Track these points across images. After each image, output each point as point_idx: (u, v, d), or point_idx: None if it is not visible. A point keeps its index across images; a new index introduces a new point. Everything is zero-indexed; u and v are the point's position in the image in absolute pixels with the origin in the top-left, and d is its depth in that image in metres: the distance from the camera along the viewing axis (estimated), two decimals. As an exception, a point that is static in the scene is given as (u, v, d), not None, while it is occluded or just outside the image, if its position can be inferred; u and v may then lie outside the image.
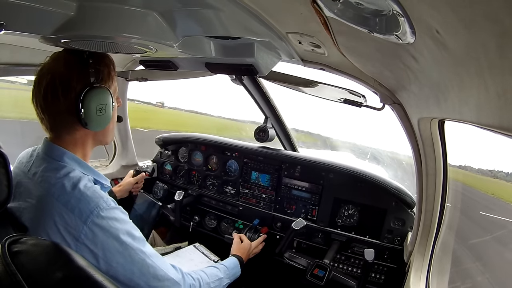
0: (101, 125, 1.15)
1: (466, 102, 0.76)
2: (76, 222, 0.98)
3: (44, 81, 1.05)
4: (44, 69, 1.08)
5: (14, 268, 0.72)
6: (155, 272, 1.10)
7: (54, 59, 1.10)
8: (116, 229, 1.03)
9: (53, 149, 1.11)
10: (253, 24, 0.93)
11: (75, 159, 1.12)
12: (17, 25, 0.95)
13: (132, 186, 2.21)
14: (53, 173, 1.06)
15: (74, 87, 1.06)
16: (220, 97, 9.95)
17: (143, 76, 2.01)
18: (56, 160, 1.09)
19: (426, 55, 0.73)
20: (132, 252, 1.05)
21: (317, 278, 1.78)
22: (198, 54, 1.24)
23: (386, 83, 1.26)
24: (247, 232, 2.22)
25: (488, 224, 1.93)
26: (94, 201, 1.02)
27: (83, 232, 0.98)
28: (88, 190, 1.03)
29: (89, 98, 1.07)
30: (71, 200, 1.00)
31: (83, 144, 1.16)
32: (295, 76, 1.49)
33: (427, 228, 1.52)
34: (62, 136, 1.12)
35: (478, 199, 1.91)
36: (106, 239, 1.01)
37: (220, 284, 1.42)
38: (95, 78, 1.10)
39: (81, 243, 0.98)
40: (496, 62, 0.51)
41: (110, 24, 0.97)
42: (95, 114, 1.09)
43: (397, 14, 0.59)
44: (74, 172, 1.07)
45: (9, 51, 1.59)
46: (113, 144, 2.66)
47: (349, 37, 0.89)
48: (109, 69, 1.17)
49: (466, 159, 1.61)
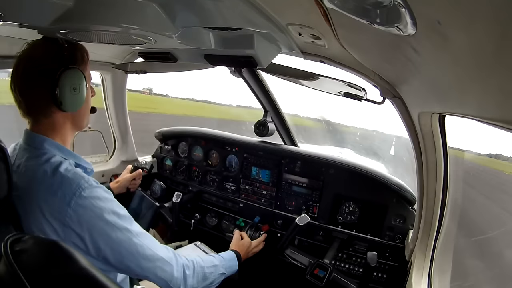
0: (76, 106, 1.17)
1: (467, 96, 0.75)
2: (60, 205, 1.00)
3: (21, 65, 1.10)
4: (23, 54, 1.13)
5: (16, 267, 0.72)
6: (144, 252, 1.11)
7: (32, 45, 1.15)
8: (99, 208, 1.04)
9: (33, 138, 1.14)
10: (253, 15, 0.92)
11: (55, 144, 1.15)
12: (15, 16, 0.95)
13: (130, 183, 2.17)
14: (35, 161, 1.08)
15: (50, 68, 1.10)
16: (207, 82, 9.87)
17: (142, 68, 2.00)
18: (37, 148, 1.12)
19: (427, 47, 0.72)
20: (118, 232, 1.06)
21: (317, 279, 1.77)
22: (197, 46, 1.23)
23: (386, 76, 1.25)
24: (248, 230, 2.20)
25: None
26: (75, 182, 1.04)
27: (67, 215, 1.00)
28: (68, 173, 1.05)
29: (64, 78, 1.11)
30: (53, 184, 1.02)
31: (61, 129, 1.18)
32: (295, 68, 1.47)
33: (428, 226, 1.51)
34: (40, 120, 1.14)
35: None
36: (91, 220, 1.02)
37: (215, 271, 1.41)
38: (69, 61, 1.14)
39: (68, 227, 1.00)
40: (498, 54, 0.51)
41: (108, 14, 0.97)
42: (69, 94, 1.13)
43: (398, 5, 0.58)
44: (55, 158, 1.10)
45: (8, 43, 1.58)
46: (112, 139, 2.66)
47: (349, 29, 0.88)
48: (82, 54, 1.21)
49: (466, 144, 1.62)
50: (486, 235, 1.58)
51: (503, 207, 1.57)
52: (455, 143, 1.36)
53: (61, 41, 1.15)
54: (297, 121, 3.41)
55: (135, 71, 2.06)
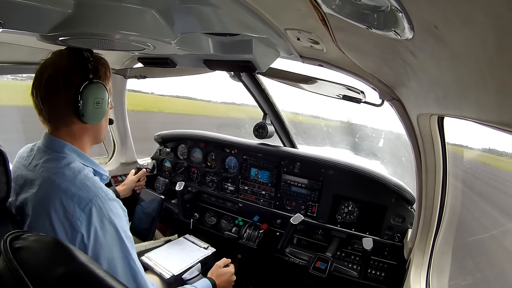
0: (97, 119, 1.19)
1: (465, 97, 0.76)
2: (75, 209, 1.01)
3: (46, 73, 1.10)
4: (47, 62, 1.13)
5: (16, 264, 0.73)
6: (135, 277, 1.11)
7: (57, 55, 1.15)
8: (111, 222, 1.05)
9: (54, 141, 1.15)
10: (251, 20, 0.93)
11: (75, 150, 1.16)
12: (15, 24, 0.96)
13: (135, 184, 2.26)
14: (54, 163, 1.10)
15: (75, 79, 1.11)
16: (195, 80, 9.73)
17: (141, 73, 2.01)
18: (57, 152, 1.13)
19: (424, 50, 0.73)
20: (120, 250, 1.07)
21: (319, 271, 1.81)
22: (196, 51, 1.24)
23: (385, 79, 1.26)
24: (247, 229, 2.22)
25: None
26: (93, 191, 1.05)
27: (79, 219, 1.01)
28: (88, 180, 1.07)
29: (88, 91, 1.12)
30: (71, 187, 1.04)
31: (80, 138, 1.20)
32: (293, 72, 1.48)
33: (427, 225, 1.52)
34: (60, 128, 1.15)
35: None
36: (100, 230, 1.03)
37: None
38: (93, 74, 1.15)
39: (76, 231, 1.01)
40: (495, 57, 0.51)
41: (107, 21, 0.97)
42: (92, 107, 1.14)
43: (395, 10, 0.58)
44: (75, 163, 1.12)
45: (8, 49, 1.59)
46: (112, 142, 2.66)
47: (347, 33, 0.88)
48: (106, 69, 1.23)
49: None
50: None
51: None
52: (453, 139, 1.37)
53: (86, 54, 1.16)
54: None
55: (134, 76, 2.07)
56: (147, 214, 2.24)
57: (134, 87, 8.83)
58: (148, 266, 1.80)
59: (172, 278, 1.74)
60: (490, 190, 1.62)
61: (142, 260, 1.85)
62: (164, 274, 1.74)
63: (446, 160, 1.37)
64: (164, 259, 1.89)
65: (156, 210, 2.22)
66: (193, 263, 1.91)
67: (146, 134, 3.09)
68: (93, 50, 1.21)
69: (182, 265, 1.86)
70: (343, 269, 1.82)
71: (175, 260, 1.90)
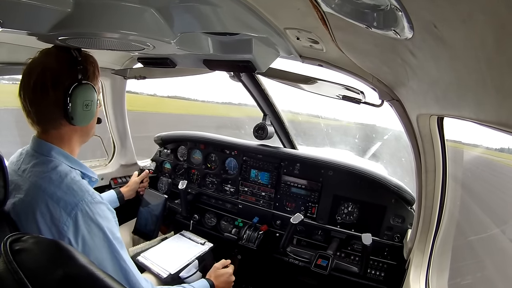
0: (86, 121, 1.17)
1: (464, 97, 0.76)
2: (61, 214, 1.01)
3: (34, 74, 1.08)
4: (34, 63, 1.11)
5: (16, 266, 0.72)
6: (128, 277, 1.11)
7: (45, 54, 1.13)
8: (98, 225, 1.05)
9: (41, 145, 1.14)
10: (251, 20, 0.93)
11: (63, 153, 1.15)
12: (14, 23, 0.96)
13: (139, 185, 2.27)
14: (41, 167, 1.08)
15: (63, 81, 1.09)
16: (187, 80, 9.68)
17: (141, 74, 2.00)
18: (44, 155, 1.12)
19: (424, 50, 0.73)
20: (109, 252, 1.07)
21: (321, 268, 1.82)
22: (196, 51, 1.24)
23: (384, 79, 1.25)
24: (246, 230, 2.22)
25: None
26: (79, 195, 1.04)
27: (66, 224, 1.00)
28: (74, 184, 1.06)
29: (77, 93, 1.11)
30: (57, 192, 1.03)
31: (69, 140, 1.19)
32: (293, 72, 1.48)
33: (427, 225, 1.52)
34: (48, 131, 1.14)
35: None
36: (87, 234, 1.03)
37: None
38: (82, 75, 1.13)
39: (63, 236, 1.00)
40: (494, 56, 0.51)
41: (107, 20, 0.97)
42: (81, 109, 1.13)
43: (395, 9, 0.58)
44: (62, 166, 1.10)
45: (7, 50, 1.59)
46: (112, 143, 2.66)
47: (347, 33, 0.88)
48: (94, 68, 1.21)
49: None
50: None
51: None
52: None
53: (75, 53, 1.14)
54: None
55: (134, 77, 2.07)
56: (151, 214, 2.26)
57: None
58: (145, 266, 1.80)
59: (169, 277, 1.73)
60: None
61: (138, 260, 1.85)
62: (161, 274, 1.74)
63: (446, 160, 1.37)
64: (161, 258, 1.89)
65: (160, 209, 2.23)
66: (190, 260, 1.91)
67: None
68: (81, 48, 1.20)
69: (179, 263, 1.86)
70: (344, 265, 1.83)
71: (171, 258, 1.90)
